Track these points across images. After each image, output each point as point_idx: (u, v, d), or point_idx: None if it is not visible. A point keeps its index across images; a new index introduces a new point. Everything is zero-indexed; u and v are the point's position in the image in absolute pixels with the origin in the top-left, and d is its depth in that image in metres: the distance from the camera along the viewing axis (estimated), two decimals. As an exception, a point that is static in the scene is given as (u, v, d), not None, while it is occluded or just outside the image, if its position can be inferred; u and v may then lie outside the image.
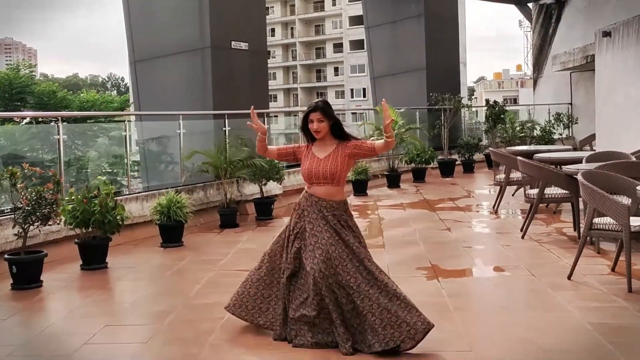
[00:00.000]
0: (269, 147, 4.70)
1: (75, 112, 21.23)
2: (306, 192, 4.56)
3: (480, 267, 6.66)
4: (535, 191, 7.92)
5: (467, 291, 5.81)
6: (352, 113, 28.73)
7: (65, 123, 8.53)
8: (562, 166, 8.63)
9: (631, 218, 5.43)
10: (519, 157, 8.34)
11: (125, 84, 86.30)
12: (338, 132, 4.55)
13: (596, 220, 5.74)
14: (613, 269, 6.02)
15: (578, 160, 8.47)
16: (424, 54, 17.50)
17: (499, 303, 5.39)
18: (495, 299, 5.54)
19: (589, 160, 8.19)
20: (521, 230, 7.92)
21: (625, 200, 5.88)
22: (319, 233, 4.39)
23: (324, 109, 4.51)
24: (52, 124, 11.51)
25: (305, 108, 4.72)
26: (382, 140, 4.52)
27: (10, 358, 4.38)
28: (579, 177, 5.81)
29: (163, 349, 4.48)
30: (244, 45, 11.82)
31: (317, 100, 4.73)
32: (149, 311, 5.48)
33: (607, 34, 13.12)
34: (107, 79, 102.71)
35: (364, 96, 61.75)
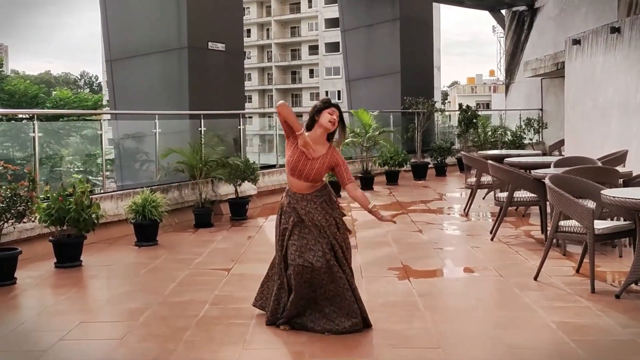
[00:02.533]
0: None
1: (51, 110, 21.11)
2: (289, 190, 4.69)
3: (450, 268, 6.82)
4: (505, 194, 8.11)
5: (437, 291, 5.95)
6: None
7: (38, 121, 8.49)
8: (531, 170, 8.84)
9: (595, 221, 5.62)
10: (489, 161, 8.53)
11: (99, 83, 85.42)
12: (331, 134, 4.66)
13: (562, 223, 5.93)
14: (578, 271, 6.21)
15: (547, 165, 8.70)
16: (399, 58, 17.69)
17: (467, 302, 5.54)
18: (464, 298, 5.69)
19: (557, 165, 8.42)
20: (491, 233, 8.10)
21: (590, 204, 6.07)
22: (306, 231, 4.58)
23: (341, 111, 4.63)
24: (25, 121, 11.46)
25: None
26: (361, 194, 4.64)
27: (-15, 354, 4.41)
28: (547, 180, 5.99)
29: (138, 345, 4.54)
30: (220, 46, 11.87)
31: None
32: (124, 308, 5.52)
33: (576, 41, 13.46)
34: (79, 77, 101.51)
35: (339, 98, 61.84)
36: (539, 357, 4.27)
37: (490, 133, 17.52)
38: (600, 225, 5.68)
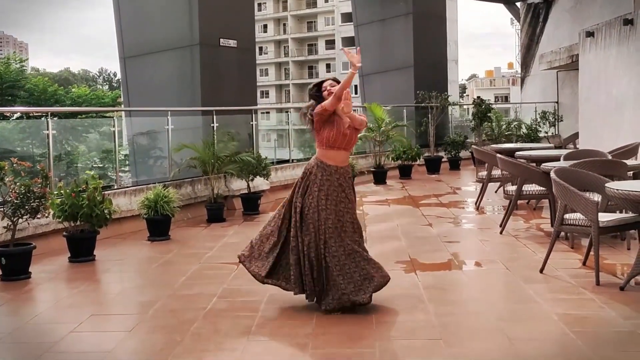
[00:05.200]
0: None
1: (65, 108, 21.39)
2: (317, 159, 5.03)
3: (457, 261, 6.84)
4: (514, 188, 8.12)
5: (443, 284, 6.00)
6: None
7: (55, 118, 8.66)
8: (542, 163, 8.83)
9: (601, 214, 5.64)
10: (498, 155, 8.54)
11: (117, 79, 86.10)
12: None
13: (567, 216, 5.95)
14: (584, 263, 6.23)
15: (557, 158, 8.68)
16: (412, 52, 17.67)
17: (472, 295, 5.59)
18: (469, 291, 5.74)
19: (567, 158, 8.40)
20: (500, 226, 8.12)
21: (596, 197, 6.08)
22: (320, 199, 4.93)
23: (334, 78, 5.32)
24: (42, 119, 11.68)
25: (297, 105, 5.15)
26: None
27: (-1, 345, 4.55)
28: (552, 173, 6.01)
29: (147, 337, 4.66)
30: (232, 43, 11.96)
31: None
32: (135, 301, 5.65)
33: (590, 34, 13.36)
34: (98, 74, 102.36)
35: (355, 93, 61.65)
36: (539, 348, 4.31)
37: (504, 126, 17.46)
38: (605, 217, 5.69)
